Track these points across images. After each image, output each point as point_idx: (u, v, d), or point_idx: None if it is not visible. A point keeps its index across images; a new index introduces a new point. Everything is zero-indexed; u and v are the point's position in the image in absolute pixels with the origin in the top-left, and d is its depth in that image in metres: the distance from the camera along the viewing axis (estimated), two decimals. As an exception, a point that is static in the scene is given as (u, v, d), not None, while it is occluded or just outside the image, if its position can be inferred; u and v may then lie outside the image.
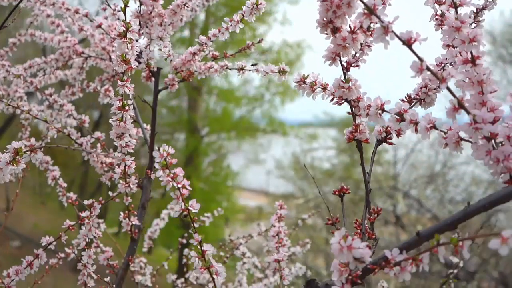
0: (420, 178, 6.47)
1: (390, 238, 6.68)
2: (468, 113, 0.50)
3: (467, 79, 0.54)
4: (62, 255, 1.10)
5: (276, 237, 0.94)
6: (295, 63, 10.80)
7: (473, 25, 0.72)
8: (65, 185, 1.08)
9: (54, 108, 1.15)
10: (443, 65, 0.69)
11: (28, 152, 0.65)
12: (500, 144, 0.52)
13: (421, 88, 0.68)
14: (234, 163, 11.82)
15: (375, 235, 0.62)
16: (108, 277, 0.92)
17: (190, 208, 0.62)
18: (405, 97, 0.68)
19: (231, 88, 11.77)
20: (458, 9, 0.60)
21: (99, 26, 1.01)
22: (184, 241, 1.47)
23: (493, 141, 0.52)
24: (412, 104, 0.68)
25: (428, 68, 0.50)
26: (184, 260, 1.44)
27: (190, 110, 11.04)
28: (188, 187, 0.62)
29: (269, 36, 11.48)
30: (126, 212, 0.95)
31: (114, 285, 0.92)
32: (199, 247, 0.64)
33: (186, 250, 1.21)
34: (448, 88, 0.50)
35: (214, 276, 0.64)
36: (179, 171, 0.62)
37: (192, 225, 0.63)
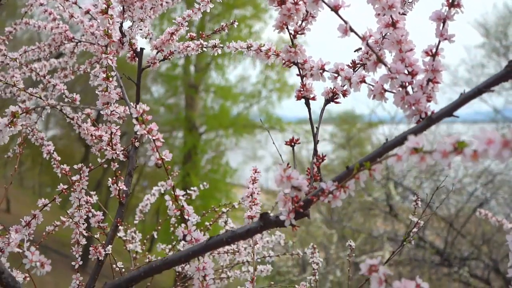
0: (413, 168, 6.59)
1: (386, 229, 6.82)
2: (386, 65, 0.61)
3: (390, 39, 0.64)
4: (58, 222, 1.21)
5: (250, 197, 1.04)
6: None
7: None
8: (59, 158, 1.19)
9: (48, 89, 1.26)
10: (383, 34, 0.79)
11: (24, 114, 0.76)
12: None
13: (364, 54, 0.78)
14: (232, 160, 11.92)
15: (320, 176, 0.72)
16: (98, 234, 1.03)
17: (163, 157, 0.73)
18: (351, 62, 0.79)
19: (228, 85, 11.88)
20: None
21: (87, 12, 1.12)
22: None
23: (411, 89, 0.63)
24: (357, 68, 0.79)
25: (351, 29, 0.60)
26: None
27: (187, 108, 11.15)
28: (162, 140, 0.72)
29: (265, 33, 11.56)
30: (114, 178, 1.05)
31: (104, 243, 1.03)
32: (173, 192, 0.75)
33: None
34: (368, 45, 0.61)
35: (186, 217, 0.75)
36: (154, 125, 0.72)
37: (166, 169, 0.73)
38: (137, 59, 1.11)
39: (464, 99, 0.56)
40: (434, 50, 0.62)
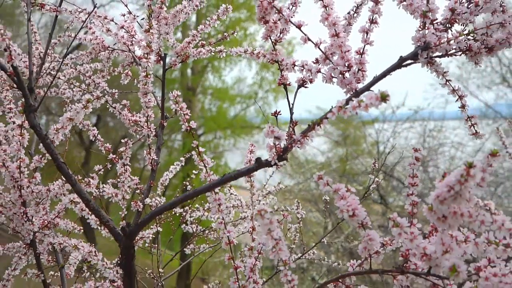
0: (403, 160, 6.98)
1: (377, 217, 7.21)
2: (331, 61, 0.98)
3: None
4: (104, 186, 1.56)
5: (248, 164, 1.41)
6: (286, 59, 11.16)
7: (355, 14, 1.20)
8: (102, 139, 1.55)
9: (90, 86, 1.63)
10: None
11: (96, 100, 1.12)
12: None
13: (321, 54, 1.15)
14: (231, 161, 12.27)
15: (294, 134, 1.09)
16: (138, 190, 1.39)
17: (191, 125, 1.10)
18: (315, 59, 1.16)
19: (225, 87, 12.24)
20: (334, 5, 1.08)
21: (122, 27, 1.49)
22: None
23: (347, 75, 1.00)
24: (319, 63, 1.16)
25: (308, 39, 0.97)
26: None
27: (186, 110, 11.50)
28: (189, 114, 1.09)
29: (260, 35, 11.90)
30: (148, 150, 1.42)
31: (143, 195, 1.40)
32: (197, 149, 1.12)
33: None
34: (319, 49, 0.98)
35: (206, 165, 1.12)
36: (184, 104, 1.09)
37: (192, 135, 1.10)
38: (161, 62, 1.49)
39: (376, 79, 0.93)
40: (361, 51, 0.99)
